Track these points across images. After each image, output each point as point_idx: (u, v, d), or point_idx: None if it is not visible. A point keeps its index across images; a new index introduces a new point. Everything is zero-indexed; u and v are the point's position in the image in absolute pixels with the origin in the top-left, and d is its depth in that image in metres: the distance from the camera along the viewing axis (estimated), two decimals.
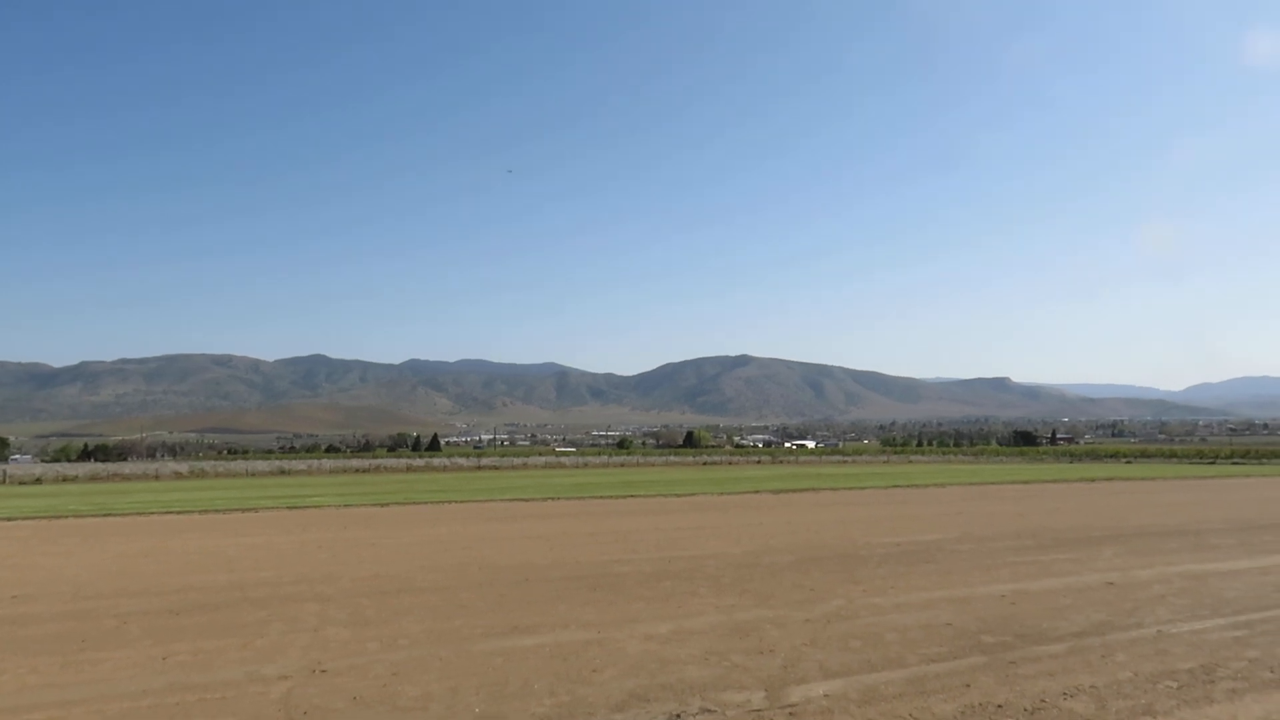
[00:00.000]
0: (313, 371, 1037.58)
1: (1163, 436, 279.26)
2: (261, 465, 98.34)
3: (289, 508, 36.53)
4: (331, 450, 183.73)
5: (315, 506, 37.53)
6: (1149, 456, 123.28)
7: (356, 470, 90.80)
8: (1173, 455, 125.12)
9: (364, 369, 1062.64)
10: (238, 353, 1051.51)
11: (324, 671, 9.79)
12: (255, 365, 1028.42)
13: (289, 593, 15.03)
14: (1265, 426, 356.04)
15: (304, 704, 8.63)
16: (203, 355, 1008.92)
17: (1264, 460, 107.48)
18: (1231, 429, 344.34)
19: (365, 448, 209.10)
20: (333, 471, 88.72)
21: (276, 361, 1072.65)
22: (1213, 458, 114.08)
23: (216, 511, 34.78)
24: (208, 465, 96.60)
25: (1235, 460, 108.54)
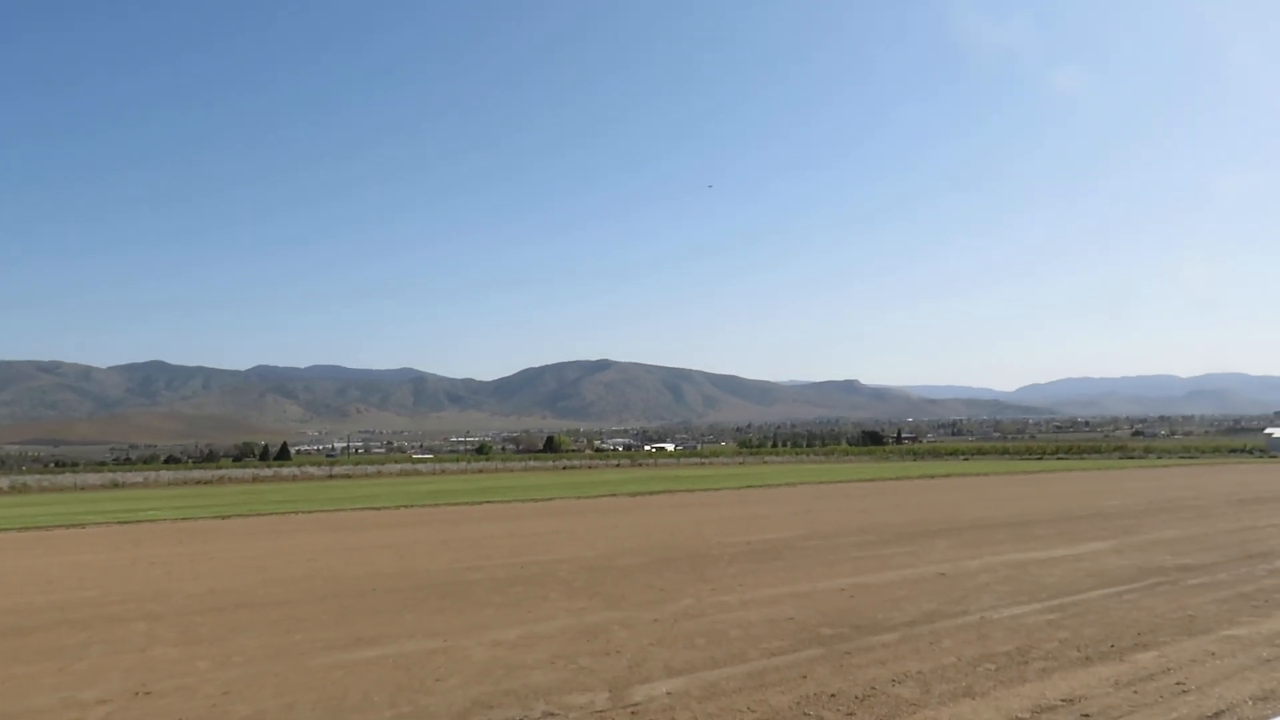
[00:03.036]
0: (151, 379, 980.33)
1: (997, 434, 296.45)
2: (92, 478, 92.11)
3: (121, 523, 34.46)
4: (171, 461, 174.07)
5: (150, 521, 35.55)
6: (984, 454, 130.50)
7: (198, 482, 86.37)
8: (1005, 452, 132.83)
9: (207, 376, 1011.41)
10: (66, 359, 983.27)
11: (148, 694, 9.26)
12: (86, 372, 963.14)
13: (115, 612, 14.17)
14: (1087, 424, 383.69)
15: None
16: (26, 362, 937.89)
17: (1085, 455, 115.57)
18: (1058, 426, 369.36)
19: (209, 458, 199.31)
20: (172, 484, 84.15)
21: (110, 368, 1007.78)
22: (1040, 454, 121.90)
23: (39, 528, 32.48)
24: (31, 479, 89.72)
25: (1060, 456, 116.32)
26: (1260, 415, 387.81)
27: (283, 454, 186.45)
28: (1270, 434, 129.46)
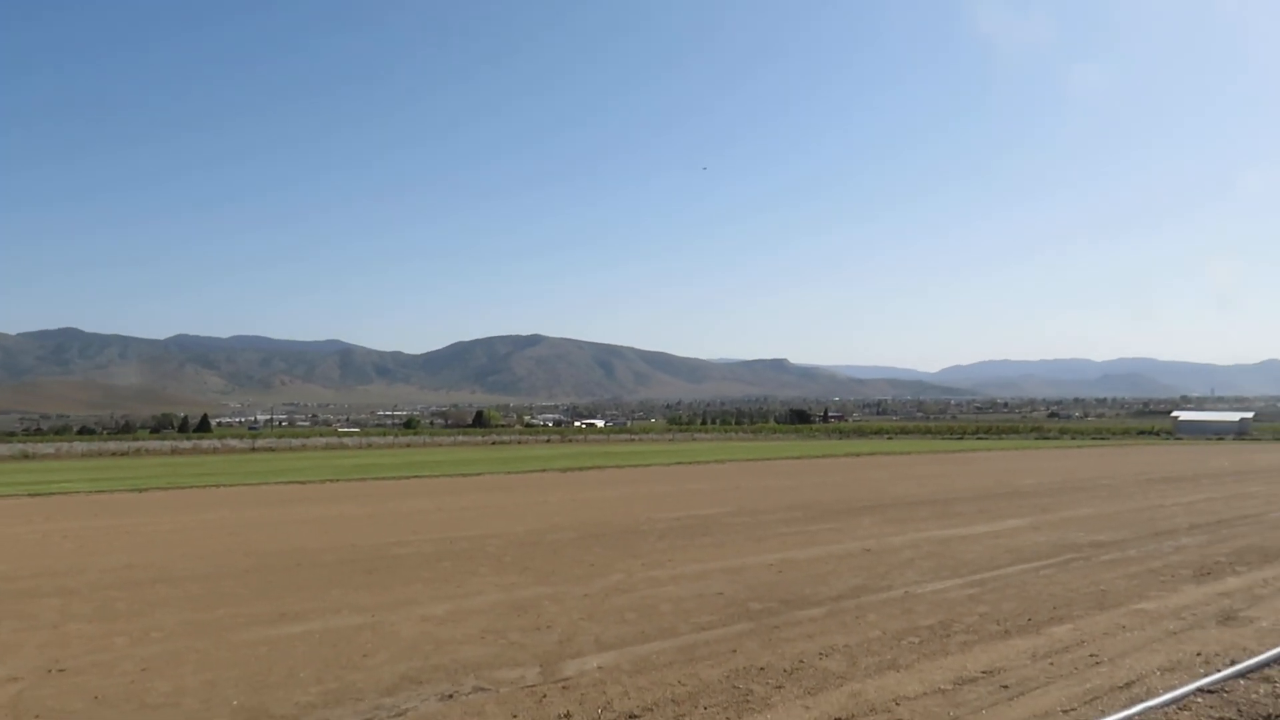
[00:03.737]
0: (64, 346, 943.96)
1: (920, 414, 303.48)
2: (0, 449, 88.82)
3: (31, 495, 33.25)
4: (85, 432, 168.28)
5: (63, 493, 34.36)
6: (908, 433, 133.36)
7: (114, 454, 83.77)
8: (928, 432, 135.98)
9: (124, 344, 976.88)
10: None
11: (62, 671, 8.97)
12: None
13: (26, 588, 13.68)
14: (1006, 405, 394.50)
15: (36, 706, 7.87)
16: None
17: (1004, 435, 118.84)
18: (978, 407, 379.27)
19: (125, 429, 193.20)
20: (86, 455, 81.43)
21: (20, 335, 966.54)
22: (961, 434, 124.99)
23: None
24: None
25: (980, 436, 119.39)
26: (1168, 399, 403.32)
27: (203, 426, 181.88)
28: (1177, 417, 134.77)
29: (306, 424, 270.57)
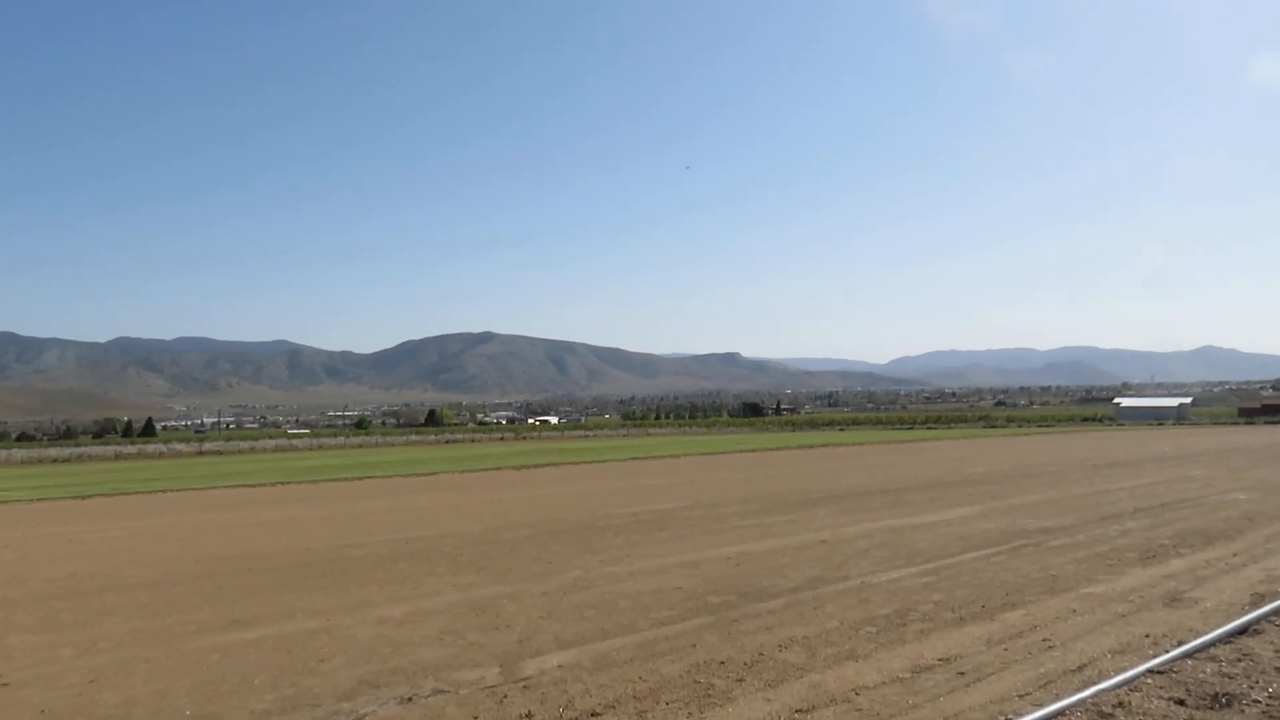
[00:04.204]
0: None
1: (870, 405, 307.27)
2: None
3: None
4: (24, 439, 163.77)
5: (2, 502, 33.44)
6: (859, 424, 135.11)
7: (54, 460, 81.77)
8: (879, 422, 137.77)
9: (63, 347, 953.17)
10: None
11: (5, 685, 8.70)
12: None
13: None
14: (954, 395, 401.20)
15: None
16: None
17: (952, 425, 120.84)
18: (927, 398, 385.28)
19: (66, 435, 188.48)
20: (25, 462, 79.33)
21: None
22: (911, 424, 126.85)
23: None
24: None
25: (929, 425, 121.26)
26: (1110, 386, 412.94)
27: (148, 430, 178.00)
28: (1119, 403, 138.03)
29: (255, 426, 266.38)
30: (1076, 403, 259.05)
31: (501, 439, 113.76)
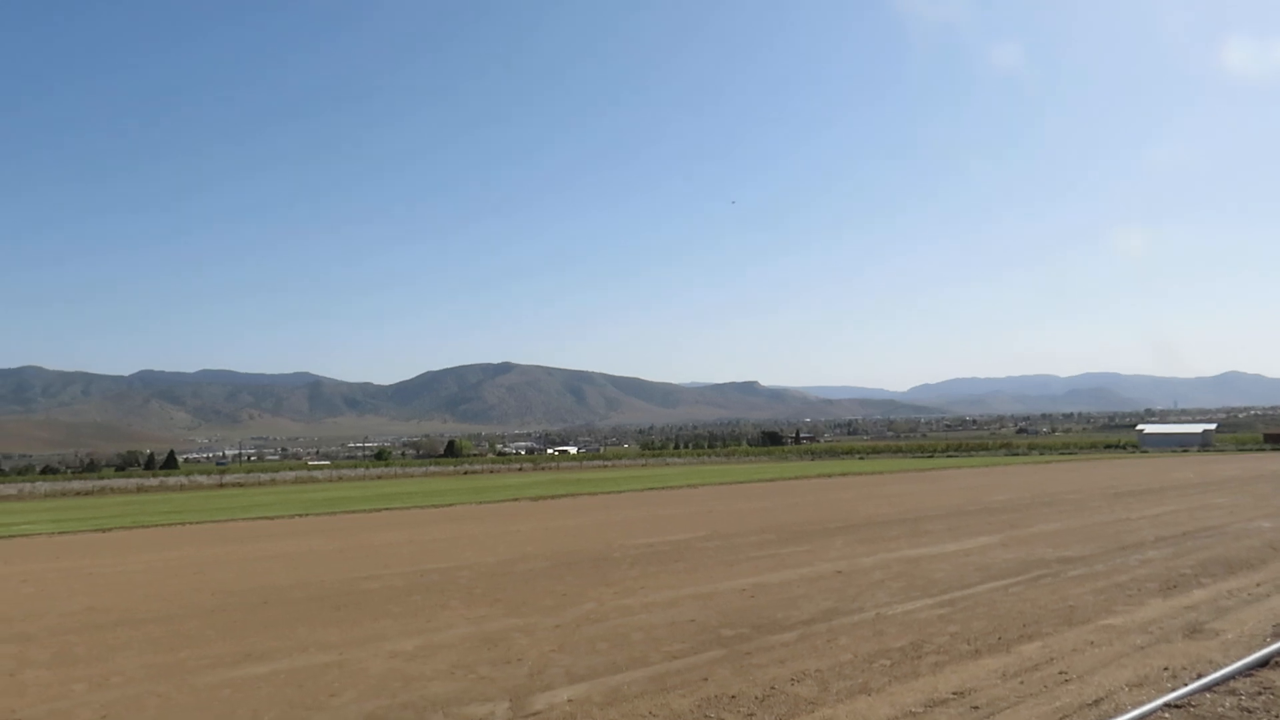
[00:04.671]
0: (25, 384, 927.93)
1: (890, 433, 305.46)
2: None
3: None
4: (49, 472, 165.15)
5: (23, 535, 33.71)
6: (879, 452, 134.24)
7: (77, 493, 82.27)
8: (899, 450, 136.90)
9: (87, 381, 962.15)
10: None
11: None
12: None
13: None
14: (975, 422, 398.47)
15: None
16: None
17: (973, 452, 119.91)
18: (947, 425, 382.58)
19: (89, 468, 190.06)
20: (48, 495, 79.89)
21: None
22: (931, 452, 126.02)
23: None
24: None
25: (950, 453, 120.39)
26: (1133, 412, 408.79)
27: (169, 463, 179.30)
28: (1142, 430, 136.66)
29: (276, 458, 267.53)
30: (1099, 429, 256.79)
31: (520, 469, 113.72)
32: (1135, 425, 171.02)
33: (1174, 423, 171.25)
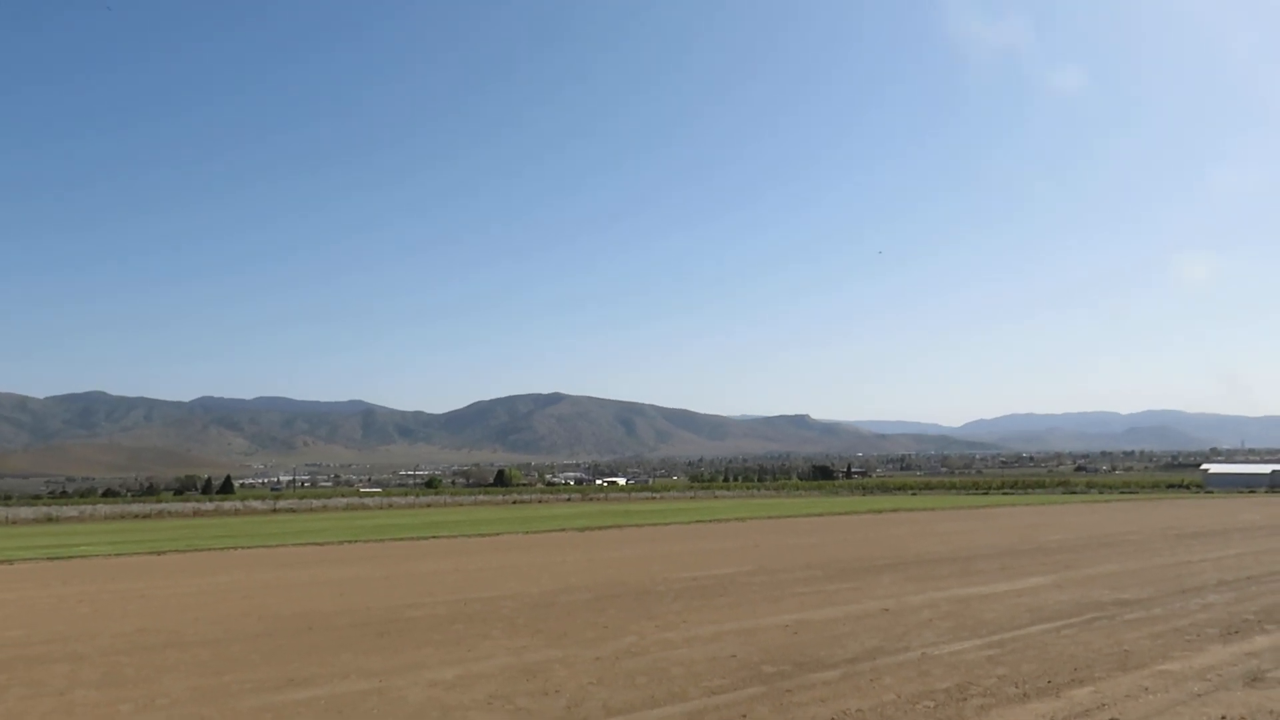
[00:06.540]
0: (90, 409, 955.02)
1: (944, 469, 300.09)
2: (25, 512, 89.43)
3: (51, 559, 33.36)
4: (109, 495, 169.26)
5: (82, 556, 34.48)
6: (932, 488, 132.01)
7: (136, 516, 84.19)
8: (953, 487, 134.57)
9: (149, 407, 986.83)
10: (1, 389, 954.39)
11: None
12: (22, 403, 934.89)
13: (37, 653, 13.65)
14: (1031, 459, 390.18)
15: None
16: None
17: (1029, 490, 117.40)
18: (1003, 462, 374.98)
19: (149, 491, 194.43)
20: (109, 518, 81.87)
21: (48, 399, 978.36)
22: (986, 488, 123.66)
23: None
24: None
25: (1005, 490, 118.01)
26: (1198, 451, 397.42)
27: (226, 488, 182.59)
28: (1207, 469, 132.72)
29: (328, 484, 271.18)
30: (1161, 469, 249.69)
31: (568, 500, 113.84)
32: (1200, 464, 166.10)
33: (1241, 462, 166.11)
